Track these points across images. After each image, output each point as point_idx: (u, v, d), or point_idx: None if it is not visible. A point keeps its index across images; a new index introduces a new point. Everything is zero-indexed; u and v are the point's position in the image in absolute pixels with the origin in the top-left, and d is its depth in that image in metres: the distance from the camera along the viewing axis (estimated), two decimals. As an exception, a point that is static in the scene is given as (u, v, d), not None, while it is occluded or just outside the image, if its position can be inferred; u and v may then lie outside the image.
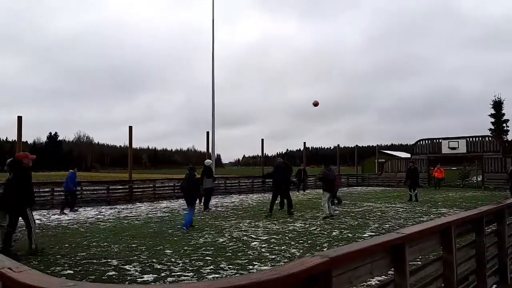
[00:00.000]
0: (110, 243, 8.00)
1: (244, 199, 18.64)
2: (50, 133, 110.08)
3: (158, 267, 6.13)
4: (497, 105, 35.20)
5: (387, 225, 10.34)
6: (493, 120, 35.49)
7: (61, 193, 14.31)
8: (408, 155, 33.86)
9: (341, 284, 2.41)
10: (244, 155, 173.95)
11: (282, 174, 12.59)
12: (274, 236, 8.69)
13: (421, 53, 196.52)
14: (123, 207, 15.29)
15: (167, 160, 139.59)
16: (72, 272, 5.84)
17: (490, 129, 35.29)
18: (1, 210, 6.86)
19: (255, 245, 7.77)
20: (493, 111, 35.51)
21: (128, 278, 5.56)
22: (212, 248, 7.46)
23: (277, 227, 10.03)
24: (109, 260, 6.57)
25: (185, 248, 7.52)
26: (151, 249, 7.44)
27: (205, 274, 5.69)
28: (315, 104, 17.43)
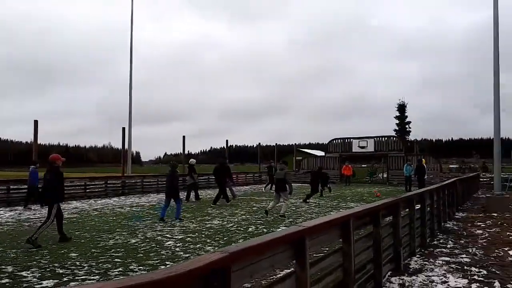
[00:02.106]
0: (6, 248, 7.24)
1: (162, 198, 18.11)
2: None
3: (61, 271, 5.69)
4: (401, 108, 38.80)
5: (300, 220, 10.79)
6: (397, 122, 39.03)
7: None
8: (323, 153, 35.76)
9: (242, 279, 2.45)
10: (165, 153, 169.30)
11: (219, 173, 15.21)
12: (190, 235, 8.58)
13: (340, 61, 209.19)
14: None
15: (79, 158, 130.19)
16: (-45, 283, 5.18)
17: (395, 130, 38.77)
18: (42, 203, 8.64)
19: (169, 244, 7.60)
20: (397, 114, 39.04)
21: (24, 285, 5.08)
22: (122, 250, 7.12)
23: (194, 225, 9.92)
24: (3, 266, 5.94)
25: (93, 250, 7.09)
26: (54, 253, 6.88)
27: (113, 277, 5.42)
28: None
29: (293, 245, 3.01)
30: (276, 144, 37.66)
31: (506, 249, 7.03)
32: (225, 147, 32.30)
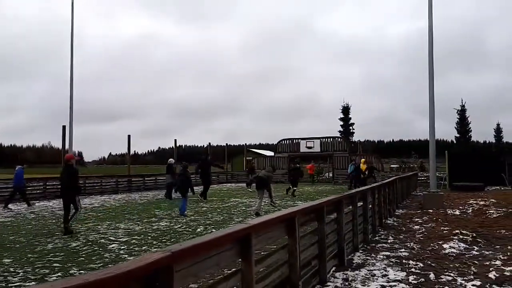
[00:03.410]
0: None
1: (106, 200, 17.41)
2: None
3: (-10, 280, 5.27)
4: (345, 110, 40.35)
5: (249, 219, 10.83)
6: (342, 123, 40.51)
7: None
8: (272, 154, 36.27)
9: (185, 278, 2.39)
10: (110, 153, 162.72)
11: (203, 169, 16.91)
12: (136, 237, 8.30)
13: (289, 63, 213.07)
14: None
15: (15, 158, 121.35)
16: None
17: (339, 131, 40.21)
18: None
19: (113, 247, 7.29)
20: (342, 116, 40.54)
21: None
22: (62, 254, 6.74)
23: (140, 227, 9.62)
24: None
25: (29, 255, 6.64)
26: (-17, 260, 6.36)
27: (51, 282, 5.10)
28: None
29: (239, 243, 3.00)
30: (227, 144, 37.66)
31: (440, 242, 7.51)
32: (173, 147, 31.69)
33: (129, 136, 25.35)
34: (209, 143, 36.78)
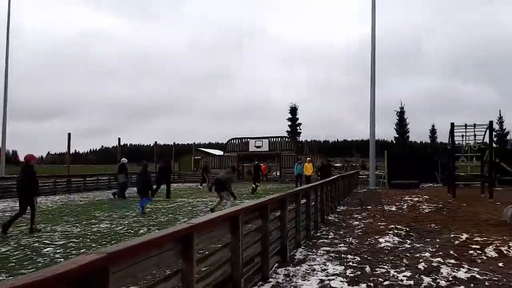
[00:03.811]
0: None
1: (42, 202, 16.41)
2: None
3: None
4: (293, 111, 41.31)
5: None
6: (289, 123, 41.41)
7: None
8: (222, 153, 36.22)
9: (122, 280, 2.35)
10: (48, 152, 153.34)
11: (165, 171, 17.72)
12: (74, 240, 7.92)
13: (239, 64, 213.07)
14: None
15: None
16: None
17: (287, 131, 41.06)
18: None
19: (47, 251, 6.91)
20: (290, 116, 41.44)
21: None
22: (-10, 260, 6.27)
23: (79, 230, 9.19)
24: None
25: (-49, 263, 6.11)
26: None
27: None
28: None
29: (180, 242, 2.99)
30: (174, 143, 37.00)
31: (377, 237, 7.95)
32: (117, 145, 30.57)
33: (69, 134, 24.12)
34: (155, 142, 35.96)
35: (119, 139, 29.75)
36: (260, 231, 5.06)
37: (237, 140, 33.64)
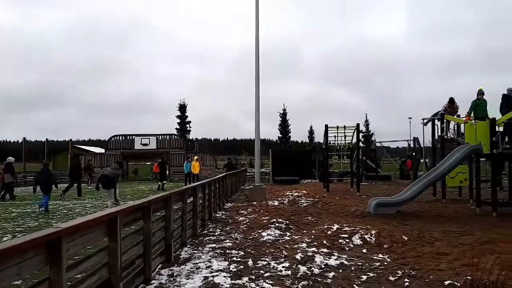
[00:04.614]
0: None
1: None
2: None
3: None
4: (182, 108, 40.71)
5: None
6: (179, 121, 40.73)
7: None
8: (103, 150, 33.92)
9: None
10: None
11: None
12: None
13: (124, 58, 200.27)
14: None
15: None
16: None
17: (176, 129, 40.29)
18: None
19: None
20: (179, 113, 40.77)
21: None
22: None
23: None
24: None
25: None
26: None
27: None
28: None
29: (47, 248, 2.71)
30: (47, 139, 33.43)
31: (260, 231, 8.31)
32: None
33: None
34: (24, 138, 32.00)
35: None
36: (142, 232, 4.87)
37: (121, 137, 31.85)
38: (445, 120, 13.99)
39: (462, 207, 12.02)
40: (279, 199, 14.89)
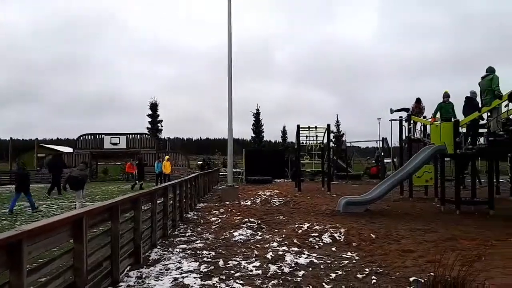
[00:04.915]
0: None
1: None
2: None
3: None
4: (154, 107, 40.02)
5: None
6: (150, 120, 40.03)
7: None
8: (71, 150, 32.98)
9: None
10: None
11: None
12: None
13: (93, 55, 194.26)
14: None
15: None
16: None
17: (147, 128, 39.59)
18: None
19: None
20: (150, 112, 40.07)
21: None
22: None
23: None
24: None
25: None
26: None
27: None
28: None
29: (6, 251, 2.62)
30: (11, 138, 32.18)
31: (232, 231, 8.31)
32: None
33: None
34: (-12, 137, 30.65)
35: None
36: (109, 234, 4.76)
37: (90, 136, 31.04)
38: (412, 121, 14.45)
39: (427, 205, 12.45)
40: (252, 198, 14.92)
